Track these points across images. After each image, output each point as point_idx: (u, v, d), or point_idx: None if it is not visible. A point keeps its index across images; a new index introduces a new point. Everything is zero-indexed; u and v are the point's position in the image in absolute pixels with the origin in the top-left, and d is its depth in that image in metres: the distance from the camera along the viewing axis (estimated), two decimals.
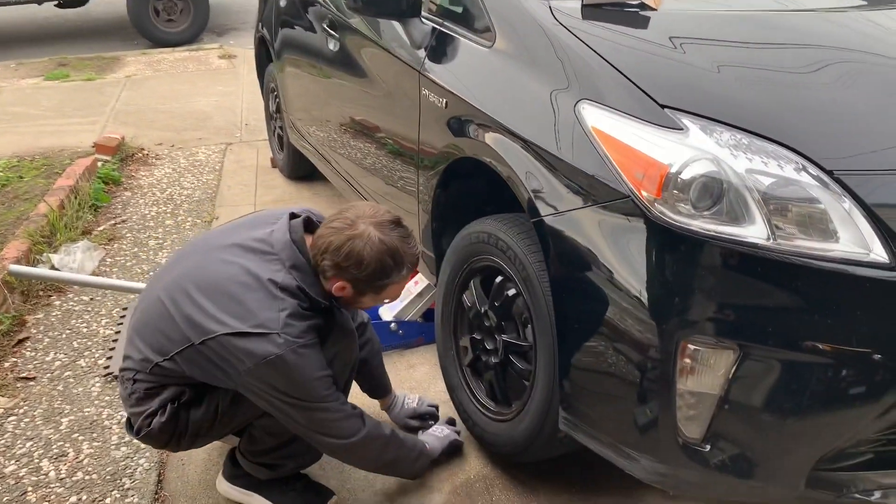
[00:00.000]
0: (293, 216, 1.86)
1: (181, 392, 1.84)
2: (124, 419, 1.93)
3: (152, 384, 1.83)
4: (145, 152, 4.93)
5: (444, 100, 2.18)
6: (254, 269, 1.74)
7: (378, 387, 2.34)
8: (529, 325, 1.95)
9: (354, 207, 1.83)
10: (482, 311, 2.15)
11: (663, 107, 1.64)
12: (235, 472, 2.05)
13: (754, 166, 1.54)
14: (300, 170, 4.34)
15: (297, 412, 1.77)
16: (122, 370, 1.89)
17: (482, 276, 2.17)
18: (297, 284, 1.75)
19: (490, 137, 1.97)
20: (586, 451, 1.84)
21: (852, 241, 1.49)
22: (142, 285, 2.46)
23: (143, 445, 2.30)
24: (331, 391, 1.78)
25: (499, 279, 2.07)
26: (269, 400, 1.76)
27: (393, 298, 1.97)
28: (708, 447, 1.59)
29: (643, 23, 1.99)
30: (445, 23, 2.32)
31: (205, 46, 7.86)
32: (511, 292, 2.03)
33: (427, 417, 2.37)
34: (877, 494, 1.60)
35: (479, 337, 2.19)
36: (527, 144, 1.84)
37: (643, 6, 2.02)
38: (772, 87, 1.79)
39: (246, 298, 1.71)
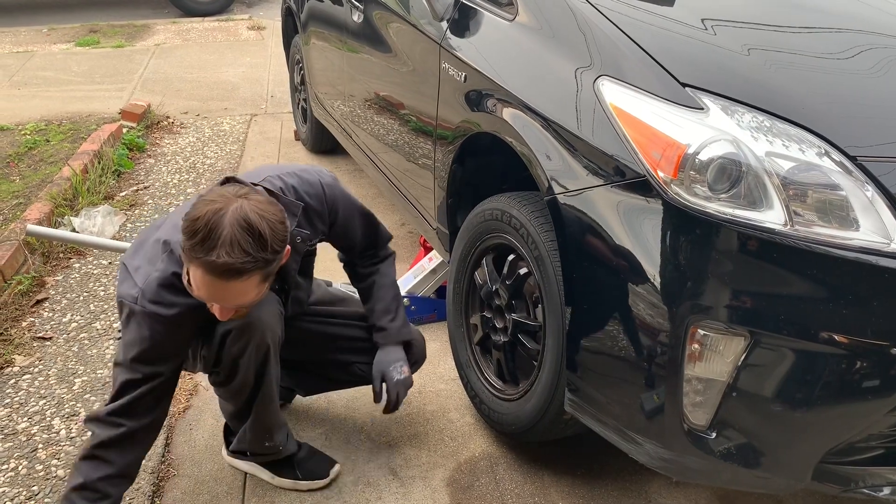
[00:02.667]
0: (226, 181, 1.69)
1: None
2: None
3: None
4: (170, 120, 4.96)
5: (464, 73, 2.15)
6: (171, 229, 1.72)
7: (373, 314, 2.10)
8: (540, 305, 1.93)
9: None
10: (493, 289, 2.13)
11: (684, 85, 1.60)
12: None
13: (775, 149, 1.49)
14: (323, 144, 4.33)
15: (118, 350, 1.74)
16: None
17: (495, 253, 2.15)
18: (172, 270, 1.68)
19: (507, 112, 1.94)
20: (591, 433, 1.82)
21: (873, 229, 1.45)
22: None
23: None
24: (126, 362, 1.68)
25: (511, 257, 2.05)
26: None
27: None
28: (713, 435, 1.56)
29: (669, 0, 1.94)
30: None
31: (234, 17, 7.87)
32: (523, 271, 2.01)
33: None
34: (886, 490, 1.56)
35: (489, 315, 2.18)
36: (544, 120, 1.80)
37: None
38: (799, 70, 1.73)
39: (148, 249, 1.72)
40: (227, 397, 1.92)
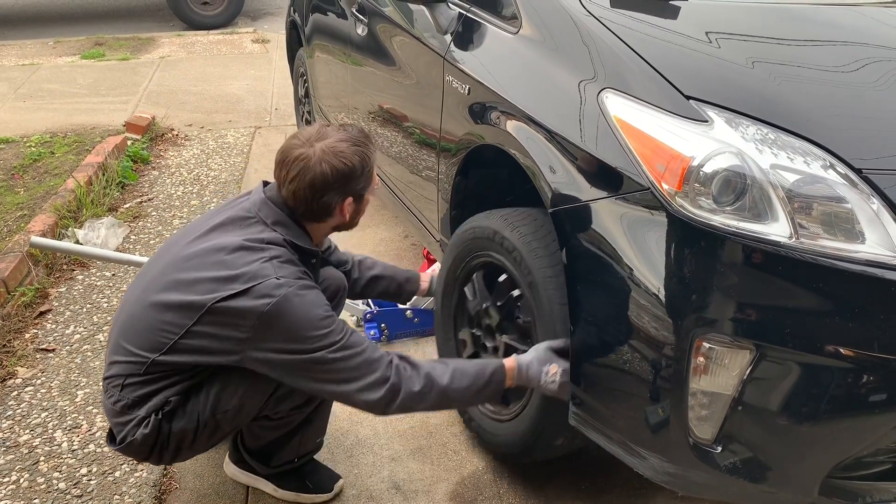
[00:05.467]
0: (266, 183, 1.84)
1: (166, 402, 1.74)
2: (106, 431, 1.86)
3: (143, 389, 1.73)
4: (175, 133, 4.97)
5: (467, 86, 2.16)
6: (235, 237, 1.70)
7: (405, 282, 2.33)
8: (532, 330, 1.91)
9: (288, 154, 1.75)
10: (484, 307, 2.12)
11: (688, 98, 1.60)
12: (241, 457, 2.05)
13: (780, 162, 1.49)
14: None
15: (317, 367, 1.65)
16: (106, 378, 1.79)
17: (485, 271, 2.13)
18: (283, 238, 1.72)
19: (511, 125, 1.94)
20: (596, 447, 1.81)
21: (879, 242, 1.44)
22: None
23: None
24: (344, 331, 1.68)
25: (502, 277, 2.04)
26: (284, 366, 1.66)
27: (376, 182, 1.90)
28: (719, 449, 1.55)
29: (673, 13, 1.95)
30: (472, 8, 2.29)
31: (239, 30, 7.90)
32: (515, 292, 1.99)
33: None
34: None
35: (478, 333, 2.16)
36: (548, 132, 1.80)
37: None
38: (803, 83, 1.73)
39: (232, 263, 1.65)
40: (284, 424, 1.91)
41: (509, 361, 1.83)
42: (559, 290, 1.78)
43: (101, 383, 1.90)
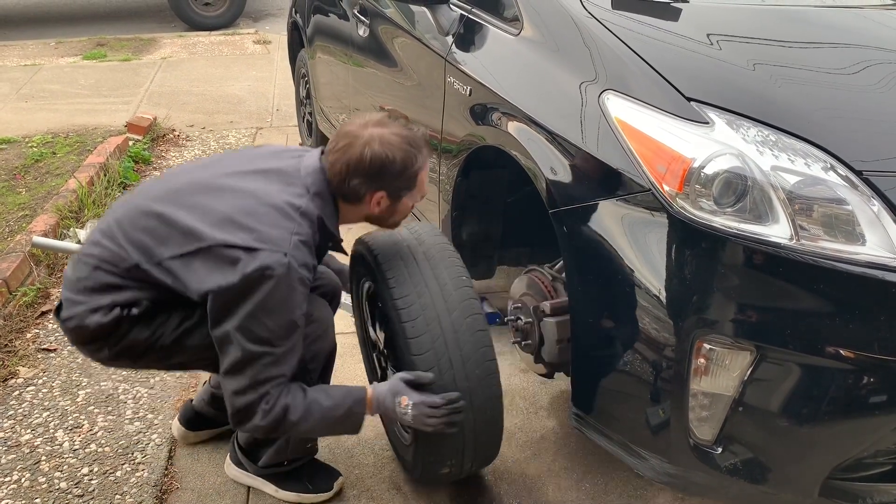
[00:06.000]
0: (324, 151, 1.77)
1: (136, 301, 1.69)
2: (56, 302, 1.76)
3: (116, 280, 1.67)
4: (176, 133, 4.97)
5: (469, 87, 2.16)
6: (274, 190, 1.64)
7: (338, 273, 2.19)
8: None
9: (345, 127, 1.73)
10: (372, 332, 2.16)
11: (689, 100, 1.60)
12: (241, 458, 2.05)
13: (780, 164, 1.49)
14: None
15: (242, 352, 1.59)
16: (84, 255, 1.71)
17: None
18: (318, 213, 1.66)
19: (512, 126, 1.94)
20: (597, 448, 1.81)
21: (880, 244, 1.44)
22: None
23: (156, 421, 2.33)
24: (293, 346, 1.64)
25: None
26: (231, 322, 1.58)
27: (423, 192, 1.81)
28: (719, 450, 1.55)
29: (674, 15, 1.95)
30: (474, 9, 2.30)
31: (241, 31, 7.91)
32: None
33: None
34: None
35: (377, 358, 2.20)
36: (549, 134, 1.81)
37: None
38: (804, 85, 1.73)
39: (258, 215, 1.59)
40: None
41: (369, 390, 1.77)
42: (405, 322, 1.72)
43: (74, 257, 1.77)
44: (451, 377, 1.71)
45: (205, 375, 2.34)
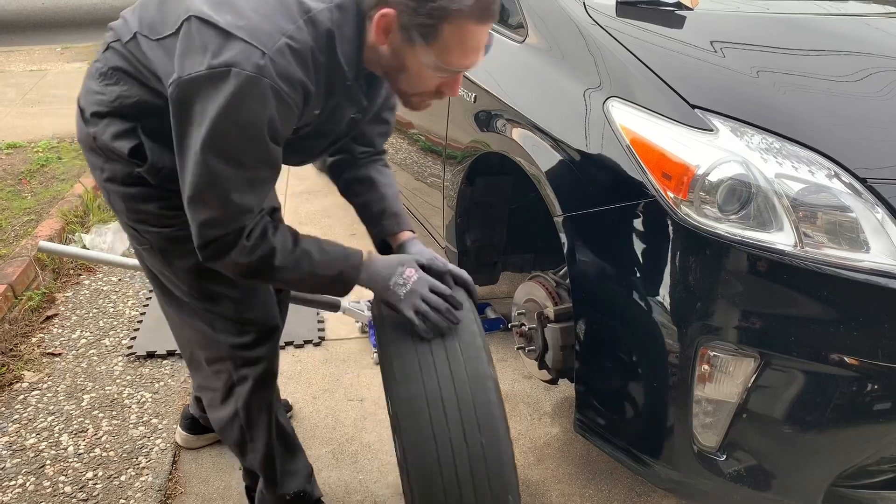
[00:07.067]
0: None
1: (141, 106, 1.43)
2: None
3: (119, 69, 1.44)
4: None
5: (473, 94, 2.17)
6: None
7: (383, 215, 1.71)
8: None
9: None
10: None
11: (694, 107, 1.61)
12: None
13: (784, 171, 1.50)
14: None
15: (214, 161, 1.27)
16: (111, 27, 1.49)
17: None
18: (329, 27, 1.28)
19: (517, 133, 1.95)
20: (601, 454, 1.81)
21: (884, 251, 1.44)
22: None
23: (160, 425, 2.33)
24: (267, 177, 1.35)
25: None
26: (191, 127, 1.27)
27: (463, 63, 1.31)
28: (723, 456, 1.55)
29: (678, 22, 1.96)
30: None
31: None
32: None
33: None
34: None
35: None
36: (554, 141, 1.81)
37: (680, 5, 1.98)
38: (808, 92, 1.74)
39: (260, 3, 1.27)
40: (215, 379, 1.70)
41: (365, 255, 1.50)
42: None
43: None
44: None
45: None
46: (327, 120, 1.45)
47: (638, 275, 1.60)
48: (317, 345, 2.77)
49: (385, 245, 1.70)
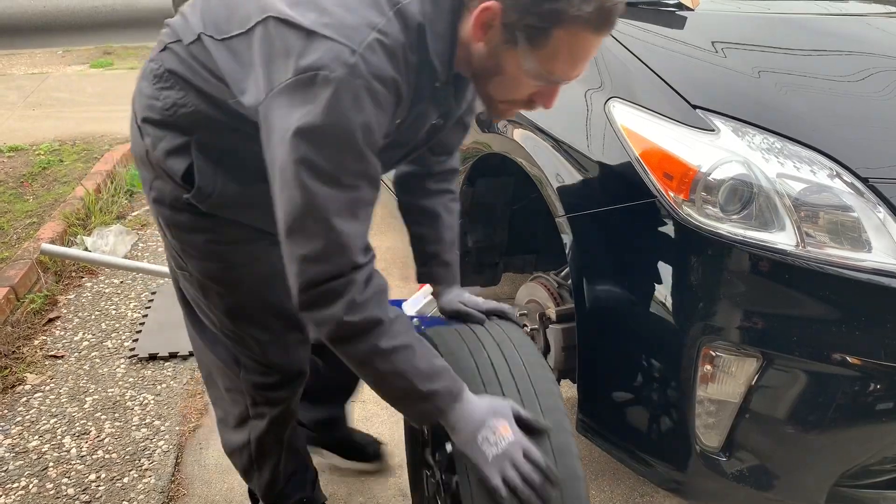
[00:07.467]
0: None
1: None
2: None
3: (175, 73, 1.31)
4: None
5: None
6: None
7: (435, 256, 1.60)
8: None
9: None
10: None
11: (695, 107, 1.61)
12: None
13: (786, 171, 1.50)
14: None
15: (311, 182, 1.10)
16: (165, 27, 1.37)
17: None
18: (420, 20, 1.13)
19: (518, 134, 1.95)
20: (602, 454, 1.81)
21: (886, 251, 1.44)
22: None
23: (163, 427, 2.34)
24: (363, 185, 1.15)
25: None
26: (283, 145, 1.11)
27: (569, 74, 1.15)
28: (726, 457, 1.55)
29: (679, 23, 1.96)
30: None
31: None
32: None
33: (494, 314, 1.52)
34: None
35: None
36: (555, 141, 1.82)
37: (680, 6, 1.99)
38: (809, 92, 1.74)
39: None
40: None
41: (466, 392, 1.24)
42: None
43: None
44: None
45: None
46: (408, 128, 1.27)
47: (640, 275, 1.60)
48: None
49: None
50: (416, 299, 2.87)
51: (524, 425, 1.22)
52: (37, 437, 2.32)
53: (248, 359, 1.55)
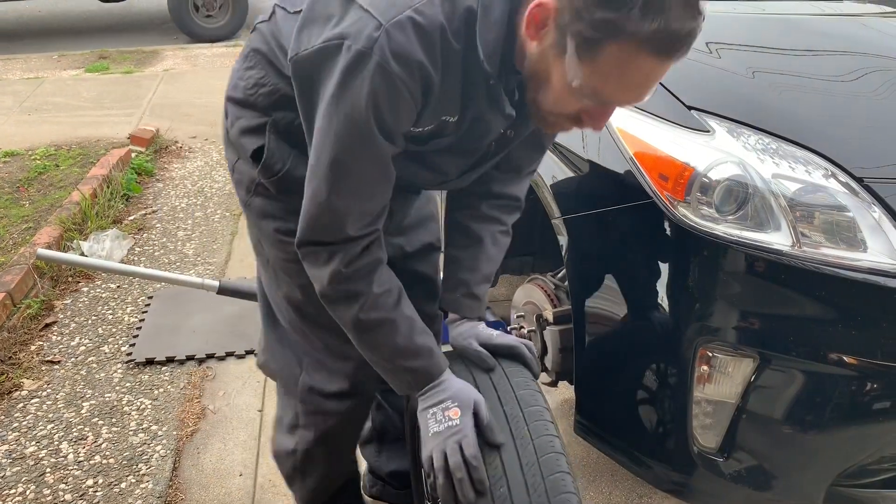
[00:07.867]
0: None
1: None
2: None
3: (259, 52, 1.32)
4: (179, 145, 4.99)
5: None
6: None
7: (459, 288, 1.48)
8: None
9: None
10: None
11: (690, 108, 1.61)
12: None
13: (781, 171, 1.50)
14: None
15: (330, 144, 1.10)
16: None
17: None
18: (468, 5, 1.05)
19: None
20: (600, 455, 1.81)
21: (881, 250, 1.45)
22: (168, 275, 2.47)
23: (160, 432, 2.33)
24: (369, 168, 1.13)
25: None
26: (310, 107, 1.14)
27: (618, 97, 1.05)
28: (724, 457, 1.55)
29: None
30: None
31: (242, 42, 7.91)
32: None
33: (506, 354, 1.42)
34: None
35: None
36: (552, 144, 1.81)
37: None
38: (803, 93, 1.75)
39: None
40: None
41: (447, 372, 1.27)
42: None
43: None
44: None
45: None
46: (468, 132, 1.20)
47: (636, 276, 1.60)
48: None
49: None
50: None
51: (481, 428, 1.21)
52: (34, 442, 2.32)
53: (311, 360, 1.47)
